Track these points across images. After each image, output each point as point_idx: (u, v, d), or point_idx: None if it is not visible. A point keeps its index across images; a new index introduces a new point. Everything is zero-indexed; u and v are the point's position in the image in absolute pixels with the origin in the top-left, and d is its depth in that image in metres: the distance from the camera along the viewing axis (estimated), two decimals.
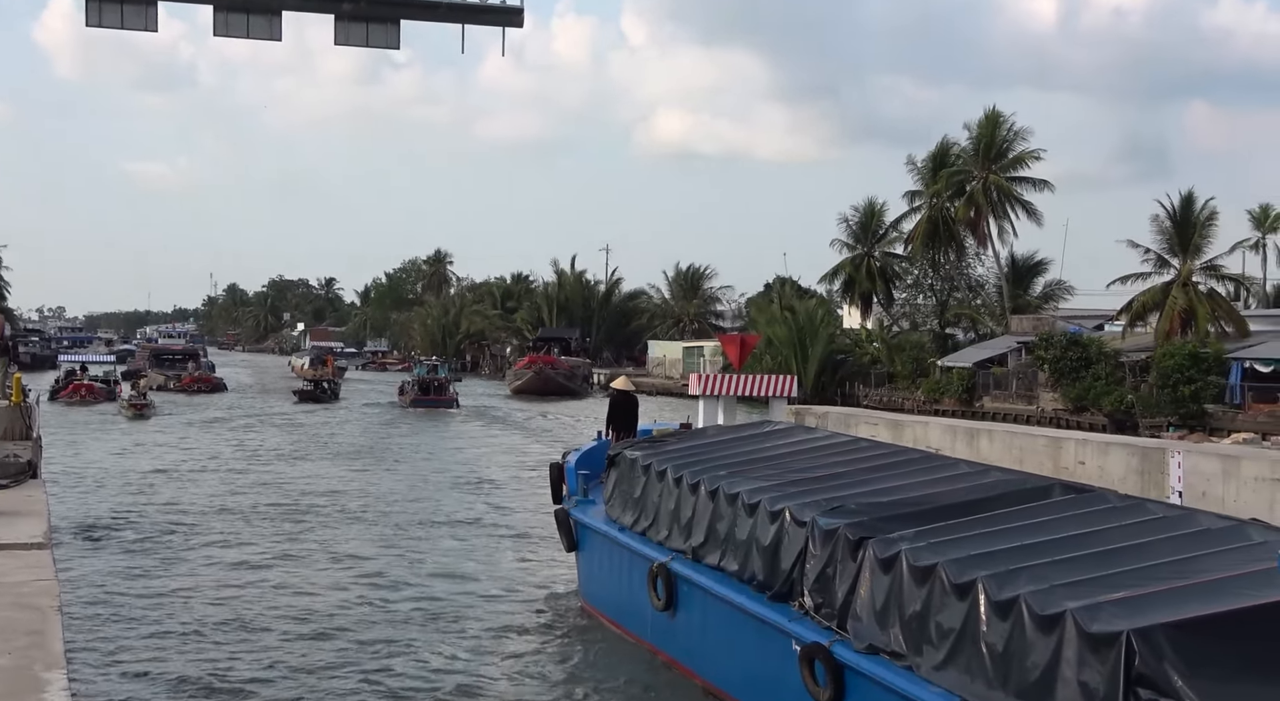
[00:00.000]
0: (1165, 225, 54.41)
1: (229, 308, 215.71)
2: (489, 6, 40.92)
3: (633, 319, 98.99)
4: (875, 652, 8.95)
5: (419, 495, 27.56)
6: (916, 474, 11.81)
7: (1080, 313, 63.57)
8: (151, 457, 34.15)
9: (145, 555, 19.32)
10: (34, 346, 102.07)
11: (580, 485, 15.97)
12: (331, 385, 65.89)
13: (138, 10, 38.34)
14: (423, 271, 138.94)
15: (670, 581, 12.47)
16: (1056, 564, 8.19)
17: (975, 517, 9.69)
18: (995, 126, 61.46)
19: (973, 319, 64.52)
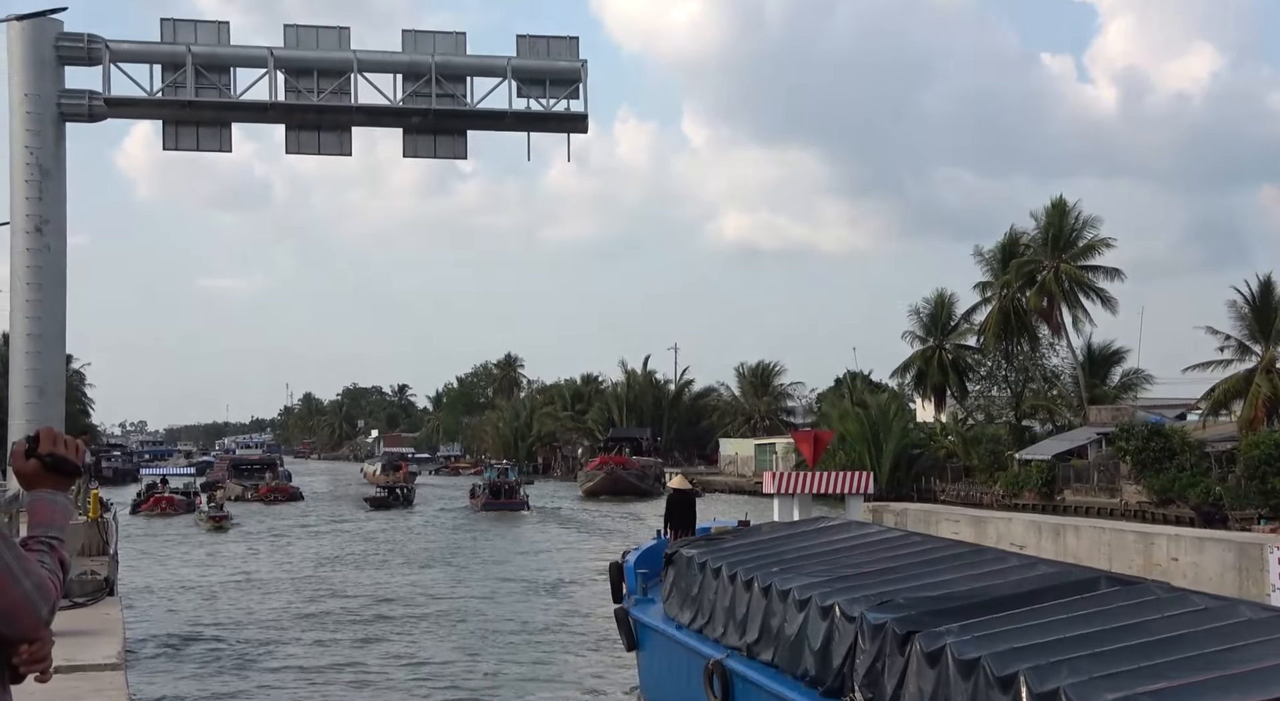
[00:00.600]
0: (1244, 311, 53.21)
1: (304, 417, 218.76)
2: (554, 114, 41.63)
3: (703, 417, 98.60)
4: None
5: (489, 601, 27.57)
6: (966, 568, 11.85)
7: (1159, 402, 62.15)
8: (228, 570, 34.27)
9: (220, 673, 19.16)
10: (116, 461, 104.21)
11: (639, 584, 16.11)
12: (405, 491, 66.17)
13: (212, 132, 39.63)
14: (493, 375, 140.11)
15: (726, 678, 12.49)
16: (1098, 656, 8.24)
17: (1021, 611, 9.72)
18: (1063, 215, 60.94)
19: (1049, 410, 63.27)
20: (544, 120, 42.10)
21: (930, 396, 69.21)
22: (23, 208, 28.58)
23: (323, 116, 40.26)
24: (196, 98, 38.34)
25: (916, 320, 69.21)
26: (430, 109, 40.47)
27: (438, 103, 40.47)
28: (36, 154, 29.67)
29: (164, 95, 38.17)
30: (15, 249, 27.06)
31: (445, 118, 41.14)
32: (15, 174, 29.22)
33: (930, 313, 68.82)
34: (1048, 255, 60.94)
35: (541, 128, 42.73)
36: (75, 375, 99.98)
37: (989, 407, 66.27)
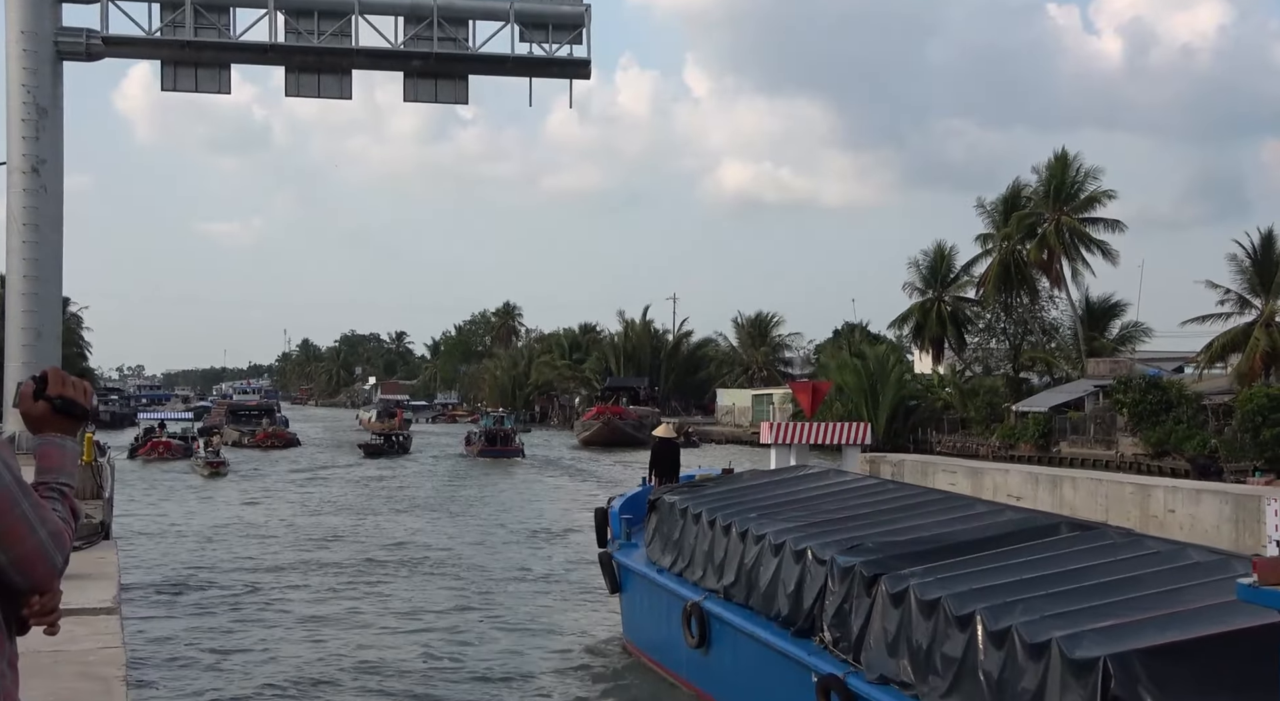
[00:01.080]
0: (1245, 264, 52.94)
1: (302, 363, 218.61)
2: (556, 59, 40.97)
3: (701, 367, 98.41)
4: (886, 683, 9.42)
5: (483, 546, 27.72)
6: (935, 514, 12.35)
7: (1158, 355, 62.01)
8: (224, 515, 34.23)
9: (215, 615, 19.13)
10: (114, 405, 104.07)
11: (624, 529, 16.48)
12: (400, 438, 65.67)
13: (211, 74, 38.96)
14: (492, 324, 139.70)
15: (703, 619, 13.03)
16: (1051, 596, 8.74)
17: (984, 554, 10.25)
18: (1065, 167, 60.42)
19: (1047, 363, 63.15)
20: (546, 65, 41.43)
21: (928, 348, 69.09)
22: (19, 147, 28.22)
23: (323, 59, 39.63)
24: (195, 38, 37.72)
25: (916, 272, 68.98)
26: (432, 53, 39.82)
27: (439, 46, 39.81)
28: (34, 92, 29.19)
29: (163, 35, 37.55)
30: (12, 189, 26.69)
31: (447, 62, 40.51)
32: (12, 113, 28.75)
33: (929, 265, 68.52)
34: (1049, 207, 60.53)
35: (544, 73, 42.06)
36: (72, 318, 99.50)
37: (987, 360, 66.17)
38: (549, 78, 42.22)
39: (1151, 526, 22.62)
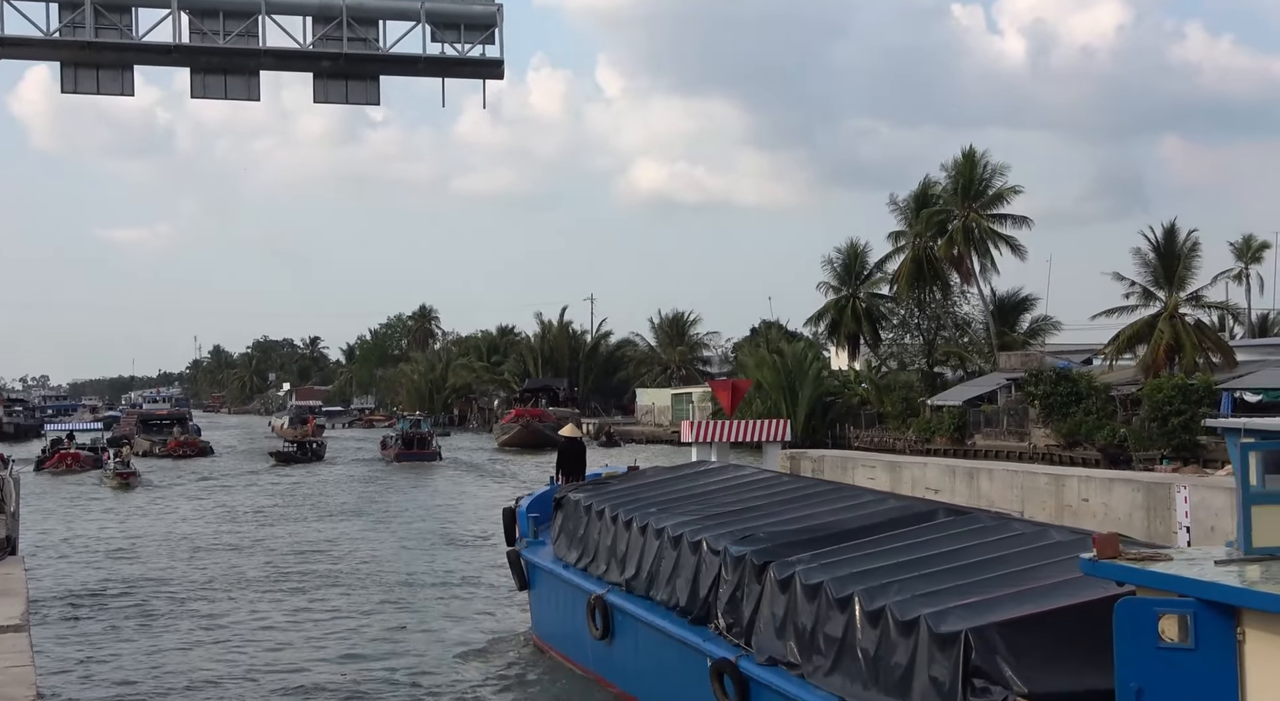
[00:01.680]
0: (1149, 258, 53.99)
1: (214, 370, 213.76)
2: (468, 59, 40.23)
3: (620, 368, 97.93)
4: (775, 664, 10.00)
5: (398, 550, 27.54)
6: (824, 504, 12.93)
7: (1067, 347, 63.06)
8: (135, 526, 33.28)
9: (127, 630, 18.68)
10: (18, 416, 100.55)
11: (531, 527, 16.86)
12: (314, 445, 63.91)
13: (114, 75, 37.55)
14: (408, 327, 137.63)
15: (607, 612, 13.42)
16: (924, 576, 9.31)
17: (866, 540, 10.83)
18: (973, 164, 61.19)
19: (961, 357, 63.87)
20: (458, 65, 40.67)
21: (844, 345, 69.49)
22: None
23: (229, 60, 38.39)
24: (96, 38, 36.28)
25: (830, 270, 69.29)
26: (341, 53, 38.81)
27: (349, 46, 38.81)
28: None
29: (61, 35, 36.05)
30: None
31: (357, 62, 39.53)
32: None
33: (844, 262, 68.89)
34: (958, 204, 61.14)
35: (456, 73, 41.29)
36: None
37: (902, 355, 66.72)
38: (461, 78, 41.53)
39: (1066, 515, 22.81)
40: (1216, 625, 6.57)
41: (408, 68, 40.52)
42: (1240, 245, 64.95)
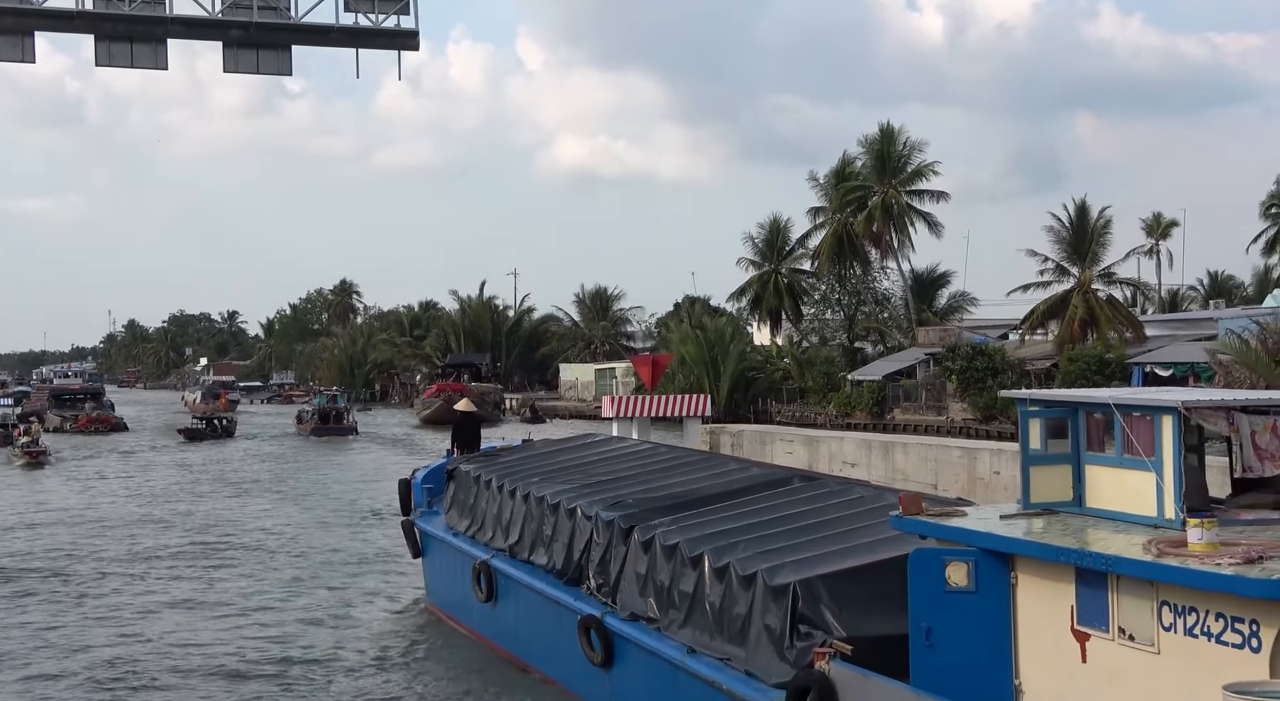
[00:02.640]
0: (1062, 234, 55.61)
1: (128, 345, 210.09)
2: (382, 30, 40.36)
3: (543, 343, 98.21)
4: (636, 619, 10.97)
5: (303, 524, 27.96)
6: (692, 472, 13.95)
7: (984, 323, 64.64)
8: (40, 504, 33.17)
9: (29, 609, 18.67)
10: None
11: (425, 498, 17.63)
12: (224, 422, 63.46)
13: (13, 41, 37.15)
14: (328, 301, 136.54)
15: (490, 576, 14.33)
16: (767, 536, 10.29)
17: (723, 505, 11.80)
18: (891, 140, 62.30)
19: (880, 332, 65.19)
20: (372, 36, 40.73)
21: (766, 320, 70.46)
22: None
23: (135, 27, 38.14)
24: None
25: (752, 246, 70.16)
26: (251, 22, 38.72)
27: (259, 15, 38.73)
28: None
29: None
30: None
31: (267, 31, 39.44)
32: None
33: (766, 238, 69.81)
34: (877, 180, 62.29)
35: (370, 44, 41.33)
36: None
37: (823, 330, 67.90)
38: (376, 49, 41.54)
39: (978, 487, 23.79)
40: (994, 571, 7.52)
41: (320, 38, 40.47)
42: (1150, 222, 67.00)
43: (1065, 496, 7.91)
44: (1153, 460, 7.27)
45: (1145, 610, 6.63)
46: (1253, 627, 6.07)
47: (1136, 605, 6.68)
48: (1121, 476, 7.53)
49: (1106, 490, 7.64)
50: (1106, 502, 7.63)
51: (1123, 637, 6.78)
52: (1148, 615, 6.61)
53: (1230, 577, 6.04)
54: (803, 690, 8.19)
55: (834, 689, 8.02)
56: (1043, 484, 7.92)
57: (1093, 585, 6.93)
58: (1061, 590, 7.14)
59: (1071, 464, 7.89)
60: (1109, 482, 7.63)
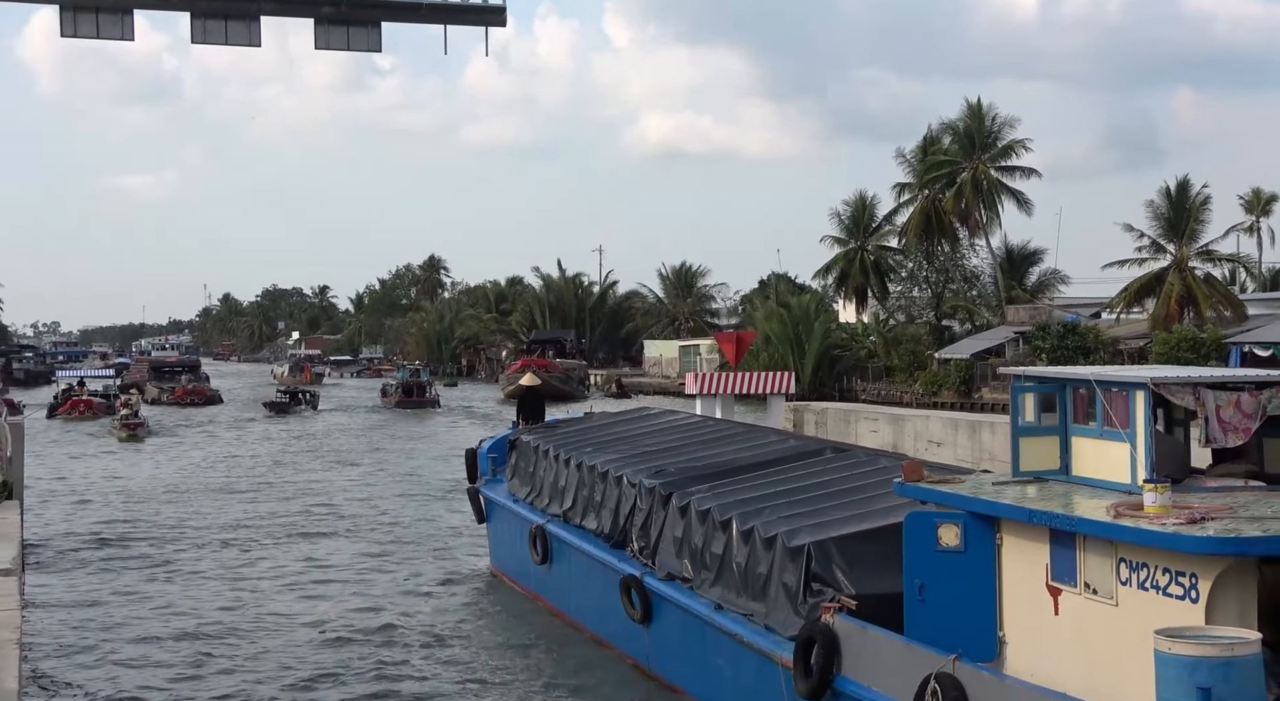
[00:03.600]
0: (1160, 210, 54.92)
1: (224, 318, 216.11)
2: (471, 6, 41.41)
3: (628, 319, 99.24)
4: (672, 579, 11.99)
5: (386, 494, 29.44)
6: (732, 443, 14.95)
7: (1076, 301, 64.09)
8: (139, 474, 34.66)
9: (120, 575, 19.54)
10: (28, 363, 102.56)
11: (490, 467, 18.84)
12: (307, 395, 64.68)
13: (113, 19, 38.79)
14: (416, 277, 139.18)
15: (545, 540, 15.46)
16: (791, 502, 11.22)
17: (757, 474, 12.77)
18: (980, 117, 61.92)
19: (969, 310, 64.98)
20: (461, 12, 41.75)
21: (852, 297, 70.54)
22: None
23: (229, 4, 39.58)
24: None
25: (837, 222, 70.21)
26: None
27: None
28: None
29: None
30: None
31: (358, 8, 40.64)
32: None
33: (851, 215, 69.77)
34: (966, 157, 62.02)
35: (458, 20, 42.31)
36: None
37: (910, 308, 67.84)
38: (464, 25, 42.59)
39: None
40: (981, 532, 8.30)
41: (409, 14, 41.64)
42: (1250, 198, 65.67)
43: (1054, 465, 8.64)
44: (1127, 432, 7.97)
45: (1107, 567, 7.37)
46: (1192, 580, 6.79)
47: (1099, 562, 7.42)
48: (1102, 447, 8.24)
49: (1089, 459, 8.36)
50: (1089, 471, 8.35)
51: (1088, 592, 7.53)
52: (1109, 571, 7.35)
53: (1172, 535, 6.76)
54: (809, 641, 9.06)
55: (837, 639, 8.87)
56: (1032, 453, 8.67)
57: (1064, 545, 7.68)
58: (1038, 550, 7.90)
59: (1059, 435, 8.61)
60: (1091, 452, 8.35)
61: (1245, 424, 7.87)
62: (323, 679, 13.54)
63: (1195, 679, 6.12)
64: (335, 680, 13.44)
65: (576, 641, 14.39)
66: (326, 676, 13.61)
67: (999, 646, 8.23)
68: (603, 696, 12.59)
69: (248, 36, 40.43)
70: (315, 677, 13.58)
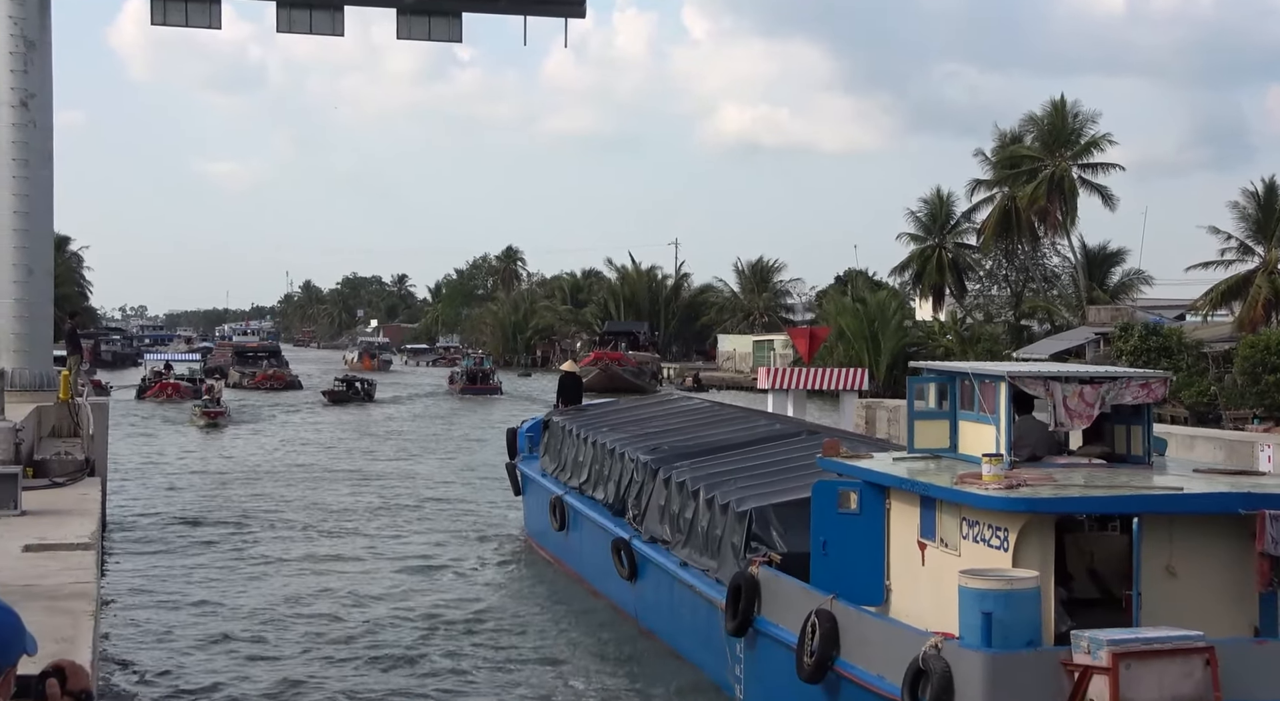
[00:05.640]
0: (1248, 212, 55.25)
1: (305, 305, 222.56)
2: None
3: (702, 313, 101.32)
4: (654, 541, 14.33)
5: (445, 476, 32.02)
6: (727, 425, 17.18)
7: (1159, 302, 64.54)
8: (215, 458, 36.67)
9: (196, 554, 20.74)
10: (116, 345, 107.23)
11: (527, 445, 21.68)
12: (364, 384, 64.10)
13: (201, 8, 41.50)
14: (493, 267, 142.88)
15: (563, 509, 17.91)
16: (754, 475, 13.32)
17: (735, 452, 14.93)
18: (1064, 113, 62.68)
19: (1048, 310, 65.77)
20: (541, 3, 43.23)
21: (929, 295, 71.66)
22: (8, 81, 29.28)
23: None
24: None
25: (914, 220, 71.33)
26: None
27: None
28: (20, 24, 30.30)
29: None
30: (1, 123, 28.29)
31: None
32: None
33: (929, 212, 70.87)
34: (1048, 153, 62.85)
35: (537, 11, 43.86)
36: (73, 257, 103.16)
37: (988, 307, 68.80)
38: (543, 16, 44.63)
39: None
40: (874, 498, 10.31)
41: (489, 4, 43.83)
42: None
43: (945, 444, 10.64)
44: (993, 417, 9.93)
45: (954, 524, 9.35)
46: (1005, 533, 8.76)
47: (950, 521, 9.42)
48: (978, 429, 10.21)
49: (970, 439, 10.33)
50: (970, 448, 10.31)
51: (942, 545, 9.52)
52: (955, 528, 9.34)
53: (988, 497, 8.74)
54: (737, 588, 11.17)
55: (758, 586, 10.98)
56: (925, 434, 10.70)
57: (929, 508, 9.69)
58: (913, 512, 9.90)
59: (950, 419, 10.59)
60: (971, 433, 10.32)
61: (1087, 411, 9.79)
62: (374, 624, 15.72)
63: (982, 605, 8.10)
64: (382, 634, 15.38)
65: (583, 597, 16.87)
66: (379, 624, 15.64)
67: (886, 593, 10.23)
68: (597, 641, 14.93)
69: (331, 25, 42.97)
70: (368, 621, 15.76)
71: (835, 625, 9.57)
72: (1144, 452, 10.39)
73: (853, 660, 9.38)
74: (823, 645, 9.52)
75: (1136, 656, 7.56)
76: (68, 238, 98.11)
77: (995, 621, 8.03)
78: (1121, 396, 9.94)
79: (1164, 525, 8.67)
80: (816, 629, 9.60)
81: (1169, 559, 8.71)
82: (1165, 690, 7.53)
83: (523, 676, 13.63)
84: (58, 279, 37.40)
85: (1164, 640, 7.73)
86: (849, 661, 9.42)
